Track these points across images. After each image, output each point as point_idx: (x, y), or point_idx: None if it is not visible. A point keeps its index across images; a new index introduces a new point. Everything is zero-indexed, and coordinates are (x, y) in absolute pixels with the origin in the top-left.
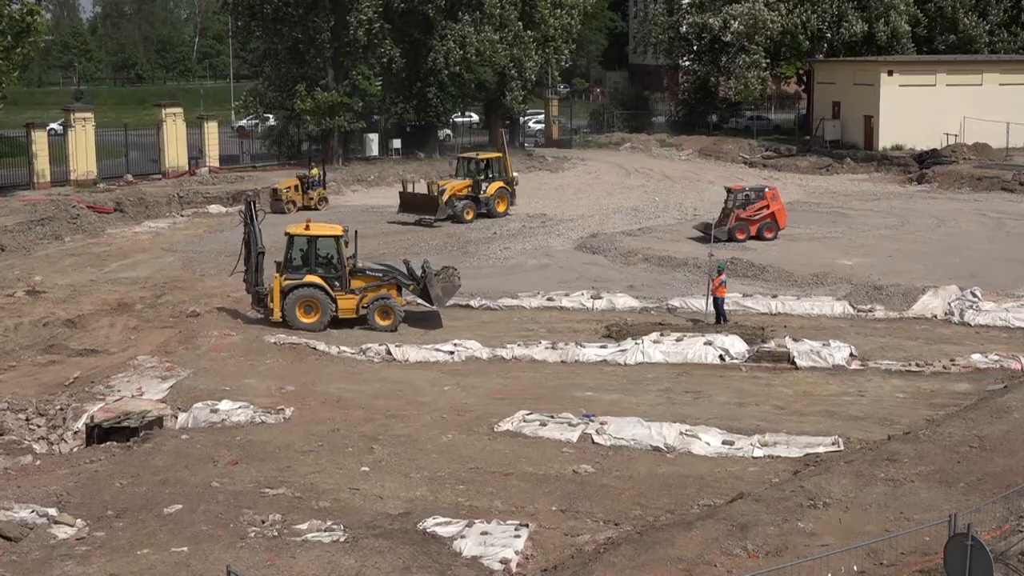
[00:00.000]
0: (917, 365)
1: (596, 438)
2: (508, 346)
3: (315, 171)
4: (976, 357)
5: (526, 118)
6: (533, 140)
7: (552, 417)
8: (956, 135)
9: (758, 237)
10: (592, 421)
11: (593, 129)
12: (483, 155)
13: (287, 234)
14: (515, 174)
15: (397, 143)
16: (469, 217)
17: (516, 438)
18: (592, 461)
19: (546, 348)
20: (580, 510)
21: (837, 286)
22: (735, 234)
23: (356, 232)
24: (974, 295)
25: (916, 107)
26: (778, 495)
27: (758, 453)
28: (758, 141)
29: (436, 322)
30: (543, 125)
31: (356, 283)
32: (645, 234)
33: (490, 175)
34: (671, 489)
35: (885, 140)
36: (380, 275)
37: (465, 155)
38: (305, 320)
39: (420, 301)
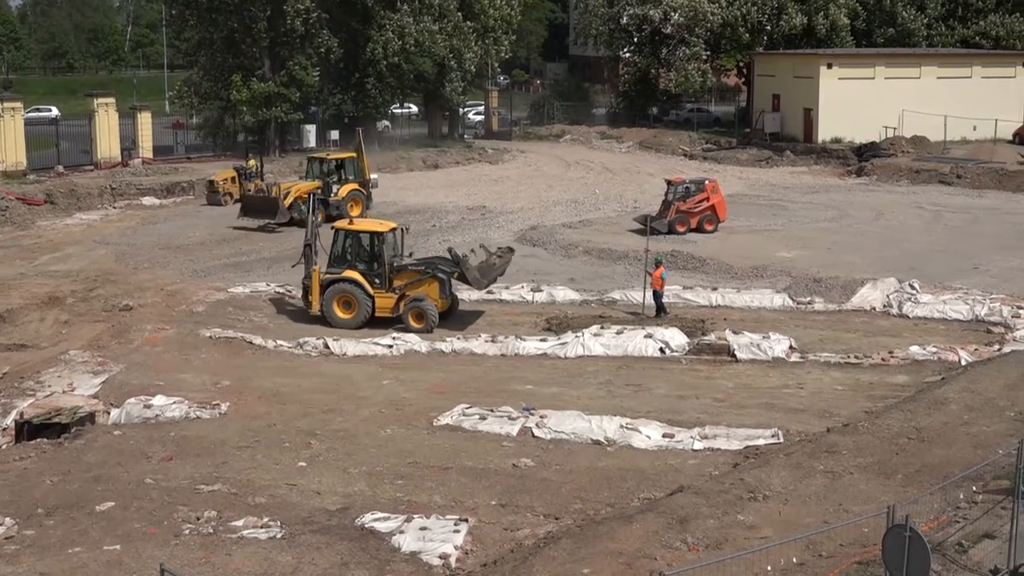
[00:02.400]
0: (856, 357)
1: (536, 432)
2: (447, 339)
3: (252, 163)
4: (914, 349)
5: (466, 109)
6: (473, 132)
7: (492, 411)
8: (895, 128)
9: (698, 230)
10: (532, 415)
11: (533, 121)
12: (334, 155)
13: (333, 228)
14: (373, 176)
15: (335, 134)
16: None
17: (455, 432)
18: (532, 455)
19: (486, 341)
20: (520, 504)
21: (777, 279)
22: (675, 226)
23: (403, 230)
24: (912, 287)
25: (855, 100)
26: (718, 488)
27: (698, 446)
28: (698, 134)
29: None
30: (483, 117)
31: (399, 280)
32: (585, 226)
33: (343, 177)
34: (611, 482)
35: (824, 133)
36: (421, 270)
37: (315, 155)
38: (342, 316)
39: (464, 286)
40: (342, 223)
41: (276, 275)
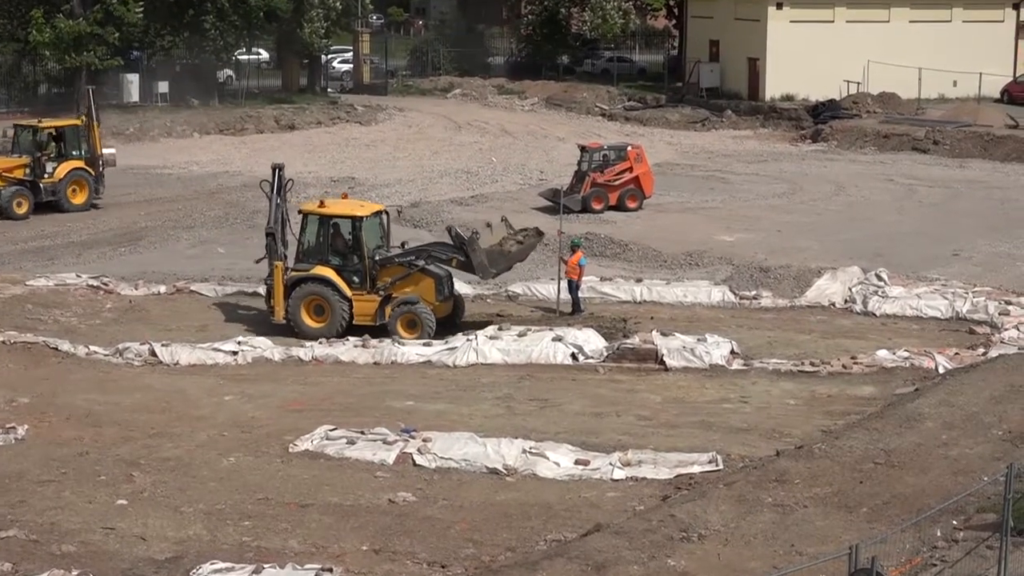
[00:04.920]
0: (811, 364)
1: (418, 459)
2: (307, 344)
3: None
4: (882, 354)
5: (330, 56)
6: (338, 84)
7: (363, 433)
8: (858, 83)
9: (619, 207)
10: (413, 438)
11: (414, 71)
12: (49, 123)
13: (301, 213)
14: (108, 151)
15: (164, 86)
16: (22, 211)
17: (317, 460)
18: (413, 488)
19: (355, 346)
20: (398, 549)
21: (715, 268)
22: (590, 203)
23: (388, 214)
24: (879, 278)
25: (810, 49)
26: (643, 526)
27: (619, 475)
28: (619, 88)
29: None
30: (351, 66)
31: (382, 278)
32: (479, 203)
33: (62, 151)
34: (512, 521)
35: (773, 89)
36: (409, 263)
37: (24, 123)
38: (312, 324)
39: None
40: (310, 206)
41: (89, 263)
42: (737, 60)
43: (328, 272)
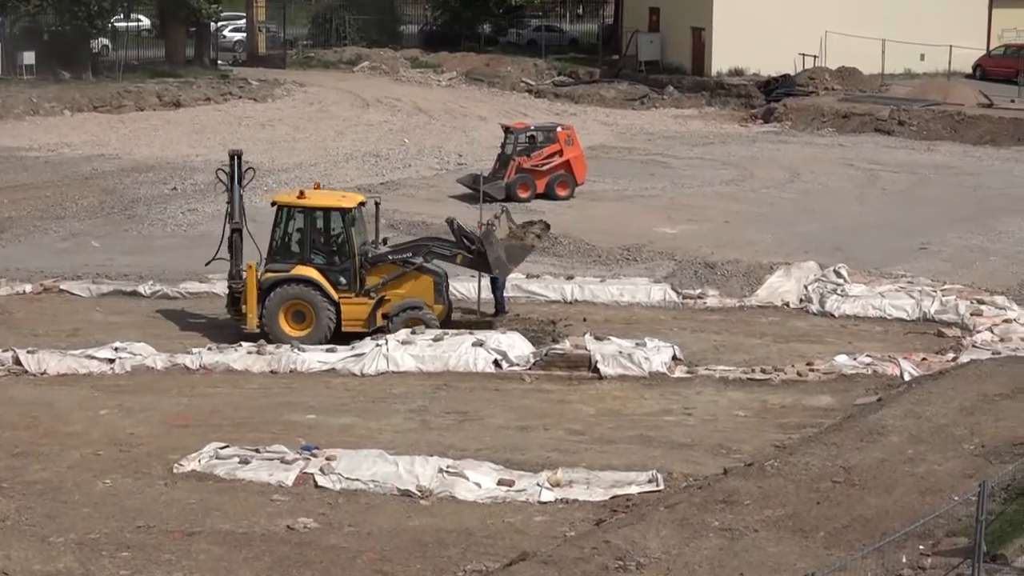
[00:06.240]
0: (763, 371)
1: (321, 480)
2: (194, 351)
3: None
4: (841, 359)
5: (220, 24)
6: (230, 56)
7: (257, 451)
8: (815, 56)
9: (547, 195)
10: (315, 456)
11: (316, 42)
12: None
13: (274, 204)
14: None
15: (29, 57)
16: None
17: (205, 482)
18: (315, 512)
19: (249, 353)
20: None
21: (655, 263)
22: (515, 190)
23: (378, 204)
24: (839, 275)
25: (762, 18)
26: (575, 554)
27: (547, 497)
28: (547, 61)
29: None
30: (244, 35)
31: (373, 278)
32: (390, 190)
33: None
34: (426, 549)
35: (720, 62)
36: (405, 259)
37: None
38: (293, 332)
39: (475, 272)
40: (287, 196)
41: None
42: (680, 30)
43: (311, 272)
